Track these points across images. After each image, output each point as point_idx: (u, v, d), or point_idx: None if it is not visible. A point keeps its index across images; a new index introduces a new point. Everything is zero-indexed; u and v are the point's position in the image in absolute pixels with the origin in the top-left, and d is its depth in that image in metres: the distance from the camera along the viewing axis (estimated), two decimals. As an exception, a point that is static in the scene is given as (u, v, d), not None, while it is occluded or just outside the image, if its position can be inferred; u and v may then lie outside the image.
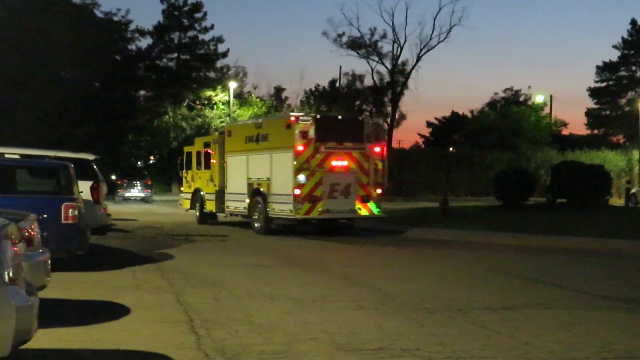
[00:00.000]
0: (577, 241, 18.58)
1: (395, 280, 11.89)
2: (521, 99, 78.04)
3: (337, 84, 69.71)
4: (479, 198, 45.79)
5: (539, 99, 70.80)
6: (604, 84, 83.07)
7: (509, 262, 14.82)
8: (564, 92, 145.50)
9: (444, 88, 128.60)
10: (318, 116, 21.36)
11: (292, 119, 20.50)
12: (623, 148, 67.16)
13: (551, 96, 70.50)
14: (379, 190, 21.14)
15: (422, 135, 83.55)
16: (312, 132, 20.34)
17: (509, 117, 64.84)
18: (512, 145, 59.99)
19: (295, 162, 20.18)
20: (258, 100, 59.72)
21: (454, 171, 54.79)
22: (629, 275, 13.17)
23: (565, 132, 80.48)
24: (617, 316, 8.94)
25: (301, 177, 20.20)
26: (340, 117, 24.39)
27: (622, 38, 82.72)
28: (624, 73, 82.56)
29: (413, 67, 67.48)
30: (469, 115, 78.77)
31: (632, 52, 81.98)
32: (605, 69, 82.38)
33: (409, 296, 10.17)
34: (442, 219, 25.46)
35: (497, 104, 77.58)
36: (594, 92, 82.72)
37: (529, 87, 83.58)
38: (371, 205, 21.01)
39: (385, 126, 22.98)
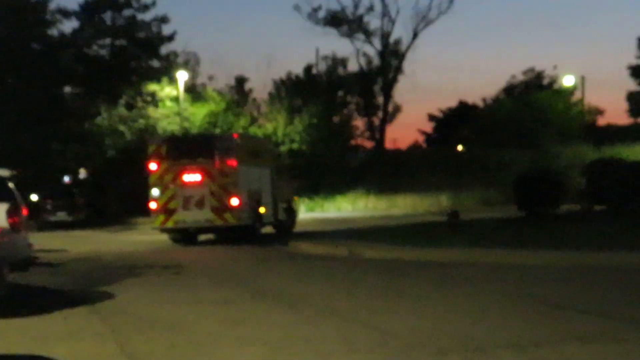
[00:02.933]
0: (620, 257, 18.68)
1: (395, 314, 11.94)
2: (545, 82, 78.48)
3: (314, 71, 69.88)
4: (495, 208, 45.98)
5: (567, 81, 71.15)
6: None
7: (536, 287, 14.89)
8: (599, 73, 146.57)
9: (448, 72, 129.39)
10: (169, 138, 33.15)
11: (149, 142, 30.18)
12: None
13: (582, 78, 70.93)
14: (233, 201, 27.85)
15: (422, 132, 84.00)
16: (164, 152, 28.50)
17: (531, 105, 65.15)
18: (535, 140, 60.41)
19: (149, 179, 28.56)
20: (215, 93, 59.71)
21: (464, 176, 55.07)
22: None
23: (601, 121, 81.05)
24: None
25: (155, 191, 28.28)
26: (191, 136, 35.13)
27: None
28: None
29: (409, 47, 68.13)
30: (481, 104, 79.17)
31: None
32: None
33: (413, 334, 10.21)
34: (451, 236, 25.57)
35: (516, 90, 77.95)
36: (636, 71, 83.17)
37: (555, 67, 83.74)
38: (227, 215, 27.99)
39: (237, 141, 29.15)
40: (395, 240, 25.14)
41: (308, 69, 70.08)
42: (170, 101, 57.00)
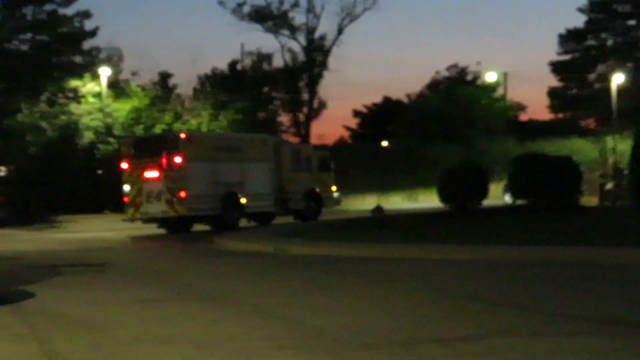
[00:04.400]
0: (543, 252, 18.97)
1: (322, 310, 11.93)
2: (469, 78, 79.37)
3: (239, 66, 69.65)
4: (422, 202, 46.34)
5: (490, 77, 72.14)
6: (569, 56, 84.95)
7: (461, 282, 15.01)
8: (522, 69, 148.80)
9: (374, 68, 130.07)
10: (135, 139, 38.69)
11: (121, 143, 37.57)
12: (595, 134, 69.07)
13: (505, 74, 72.06)
14: (182, 194, 32.14)
15: (348, 128, 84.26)
16: (132, 151, 33.81)
17: (455, 100, 65.86)
18: (461, 135, 61.05)
19: (122, 177, 33.91)
20: (139, 89, 59.17)
21: (391, 172, 55.40)
22: (609, 290, 13.50)
23: (524, 117, 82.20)
24: (599, 343, 9.13)
25: (126, 187, 33.52)
26: (149, 136, 41.06)
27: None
28: (592, 42, 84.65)
29: (334, 42, 68.37)
30: (406, 100, 79.74)
31: (601, 15, 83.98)
32: (570, 38, 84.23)
33: (339, 330, 10.21)
34: (377, 232, 25.72)
35: (440, 86, 78.72)
36: (557, 67, 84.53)
37: (478, 63, 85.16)
38: (178, 207, 32.40)
39: (185, 140, 33.16)
40: (323, 236, 25.20)
41: (233, 65, 69.92)
42: (93, 97, 56.41)
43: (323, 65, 69.74)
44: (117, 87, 58.60)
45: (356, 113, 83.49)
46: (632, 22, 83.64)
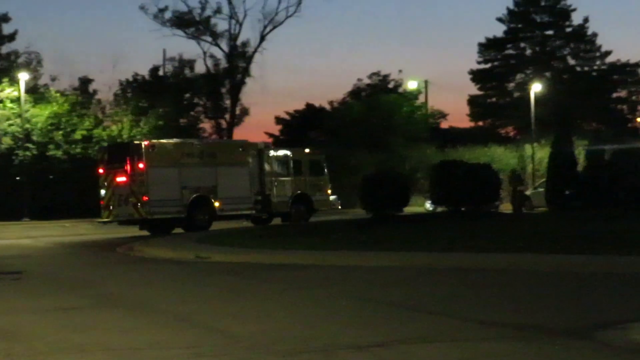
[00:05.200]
0: (461, 258, 19.20)
1: (240, 317, 11.93)
2: (391, 85, 79.90)
3: (160, 72, 69.20)
4: (343, 210, 46.49)
5: (411, 85, 72.80)
6: (489, 65, 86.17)
7: (381, 288, 15.12)
8: (443, 77, 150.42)
9: (296, 75, 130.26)
10: (108, 146, 43.16)
11: (98, 150, 41.94)
12: (514, 142, 70.15)
13: (426, 82, 72.71)
14: (144, 198, 34.03)
15: (270, 134, 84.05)
16: (105, 157, 36.34)
17: (377, 108, 66.24)
18: (382, 143, 61.42)
19: (99, 181, 36.27)
20: (59, 95, 58.41)
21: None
22: (520, 295, 13.73)
23: (445, 125, 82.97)
24: (514, 348, 9.30)
25: (102, 192, 35.90)
26: (121, 143, 43.92)
27: (508, 9, 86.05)
28: (511, 51, 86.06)
29: (256, 49, 68.28)
30: (329, 107, 79.96)
31: (519, 25, 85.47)
32: (490, 46, 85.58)
33: (257, 337, 10.23)
34: (298, 237, 25.76)
35: (362, 93, 79.11)
36: (477, 76, 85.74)
37: (400, 71, 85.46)
38: (141, 210, 34.29)
39: (147, 148, 34.83)
40: (243, 243, 25.17)
41: (154, 70, 69.38)
42: (11, 102, 55.46)
43: (245, 72, 69.68)
44: (36, 93, 57.76)
45: (278, 120, 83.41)
46: (549, 32, 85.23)
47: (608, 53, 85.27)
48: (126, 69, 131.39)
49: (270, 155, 40.00)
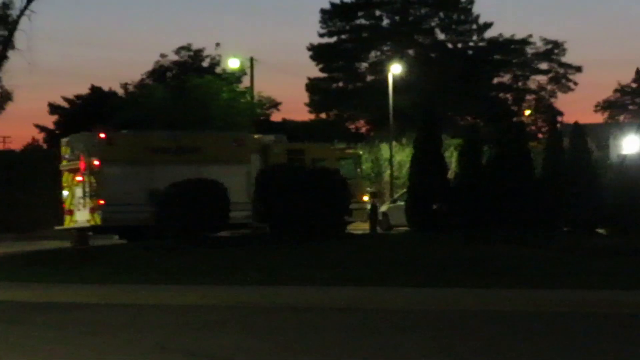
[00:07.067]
0: (289, 293, 19.75)
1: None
2: (205, 64, 79.53)
3: None
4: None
5: (232, 64, 72.54)
6: (334, 38, 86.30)
7: (189, 332, 15.31)
8: (274, 54, 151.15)
9: (79, 50, 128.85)
10: (69, 138, 39.48)
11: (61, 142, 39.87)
12: (367, 141, 70.75)
13: (252, 60, 72.51)
14: (101, 201, 34.79)
15: (42, 127, 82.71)
16: (67, 151, 37.68)
17: (188, 93, 65.88)
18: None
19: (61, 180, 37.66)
20: None
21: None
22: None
23: (277, 116, 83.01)
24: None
25: (64, 193, 37.13)
26: (79, 134, 39.31)
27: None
28: (363, 21, 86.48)
29: (22, 12, 67.12)
30: (122, 92, 79.31)
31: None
32: (336, 14, 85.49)
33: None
34: (79, 268, 25.66)
35: (168, 73, 78.59)
36: (318, 53, 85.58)
37: (218, 45, 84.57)
38: (96, 216, 35.16)
39: (104, 139, 36.33)
40: (13, 272, 24.97)
41: None
42: None
43: (8, 43, 68.55)
44: None
45: (54, 108, 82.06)
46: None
47: (488, 26, 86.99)
48: None
49: (280, 151, 40.98)
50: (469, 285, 20.75)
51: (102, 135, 36.76)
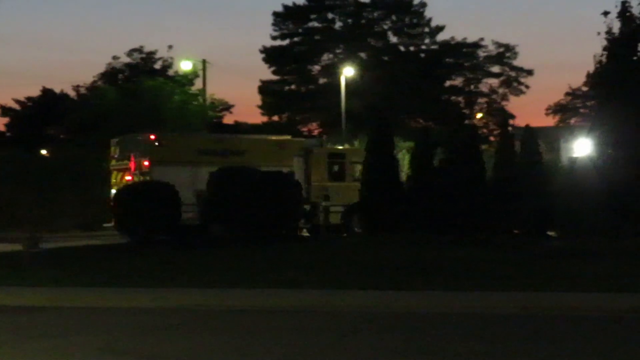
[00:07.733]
0: (237, 296, 19.79)
1: None
2: (157, 66, 79.37)
3: None
4: (94, 233, 46.13)
5: (185, 66, 72.40)
6: (287, 41, 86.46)
7: (140, 335, 15.31)
8: (227, 57, 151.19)
9: (29, 51, 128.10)
10: (119, 138, 42.25)
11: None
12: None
13: (204, 62, 72.38)
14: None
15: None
16: (117, 152, 41.02)
17: (139, 96, 65.76)
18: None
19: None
20: None
21: (53, 189, 54.67)
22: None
23: (229, 119, 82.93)
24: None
25: (112, 191, 39.17)
26: (129, 136, 41.89)
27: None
28: (316, 24, 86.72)
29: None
30: (74, 94, 79.00)
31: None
32: (288, 16, 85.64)
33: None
34: (29, 270, 25.56)
35: (119, 75, 78.35)
36: (271, 55, 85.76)
37: (170, 47, 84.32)
38: None
39: (151, 138, 38.63)
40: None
41: None
42: None
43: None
44: None
45: (5, 110, 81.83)
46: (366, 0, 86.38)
47: (440, 29, 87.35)
48: None
49: (321, 155, 43.21)
50: (417, 288, 20.92)
51: (153, 136, 38.83)
